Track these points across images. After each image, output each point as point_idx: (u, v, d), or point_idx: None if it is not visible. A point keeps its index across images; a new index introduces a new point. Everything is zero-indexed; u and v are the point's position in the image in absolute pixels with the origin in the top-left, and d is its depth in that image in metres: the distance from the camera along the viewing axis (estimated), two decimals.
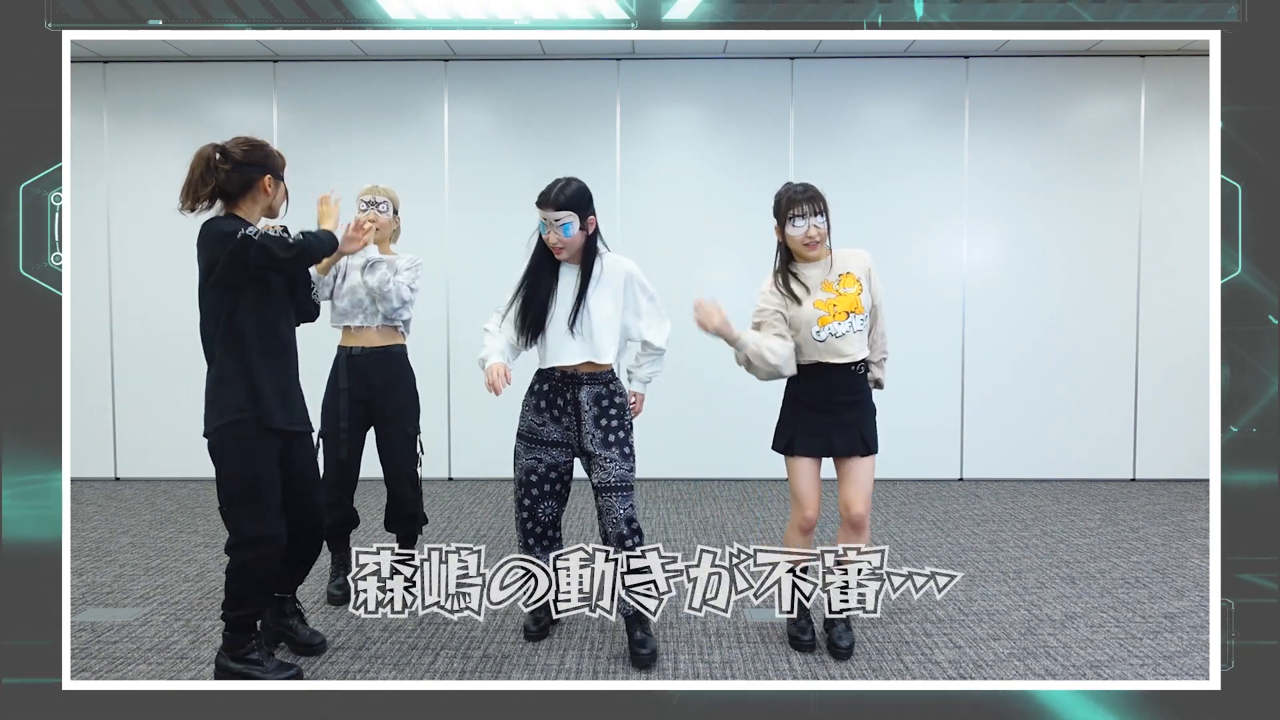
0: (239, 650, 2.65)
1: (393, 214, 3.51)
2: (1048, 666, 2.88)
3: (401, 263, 3.44)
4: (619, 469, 2.94)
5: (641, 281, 3.02)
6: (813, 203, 2.85)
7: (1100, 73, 5.64)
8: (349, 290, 3.41)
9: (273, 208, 2.76)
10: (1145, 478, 5.78)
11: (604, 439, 2.94)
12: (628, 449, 2.98)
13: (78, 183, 5.68)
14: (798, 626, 3.04)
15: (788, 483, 3.02)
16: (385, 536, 4.08)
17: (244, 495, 2.57)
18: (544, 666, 2.89)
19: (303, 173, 5.74)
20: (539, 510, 3.02)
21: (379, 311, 3.41)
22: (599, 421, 2.95)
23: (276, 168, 2.74)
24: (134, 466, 5.83)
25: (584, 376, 2.95)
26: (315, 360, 5.60)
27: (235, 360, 2.58)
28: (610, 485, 2.93)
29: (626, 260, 3.03)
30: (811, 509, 2.93)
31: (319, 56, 5.70)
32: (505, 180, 5.70)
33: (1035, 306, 5.72)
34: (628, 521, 2.91)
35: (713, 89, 5.73)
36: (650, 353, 3.07)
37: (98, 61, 5.69)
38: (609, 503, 2.92)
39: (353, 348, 3.45)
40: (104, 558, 4.09)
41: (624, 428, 2.98)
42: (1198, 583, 3.71)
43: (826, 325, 2.83)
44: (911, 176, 5.67)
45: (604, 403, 2.96)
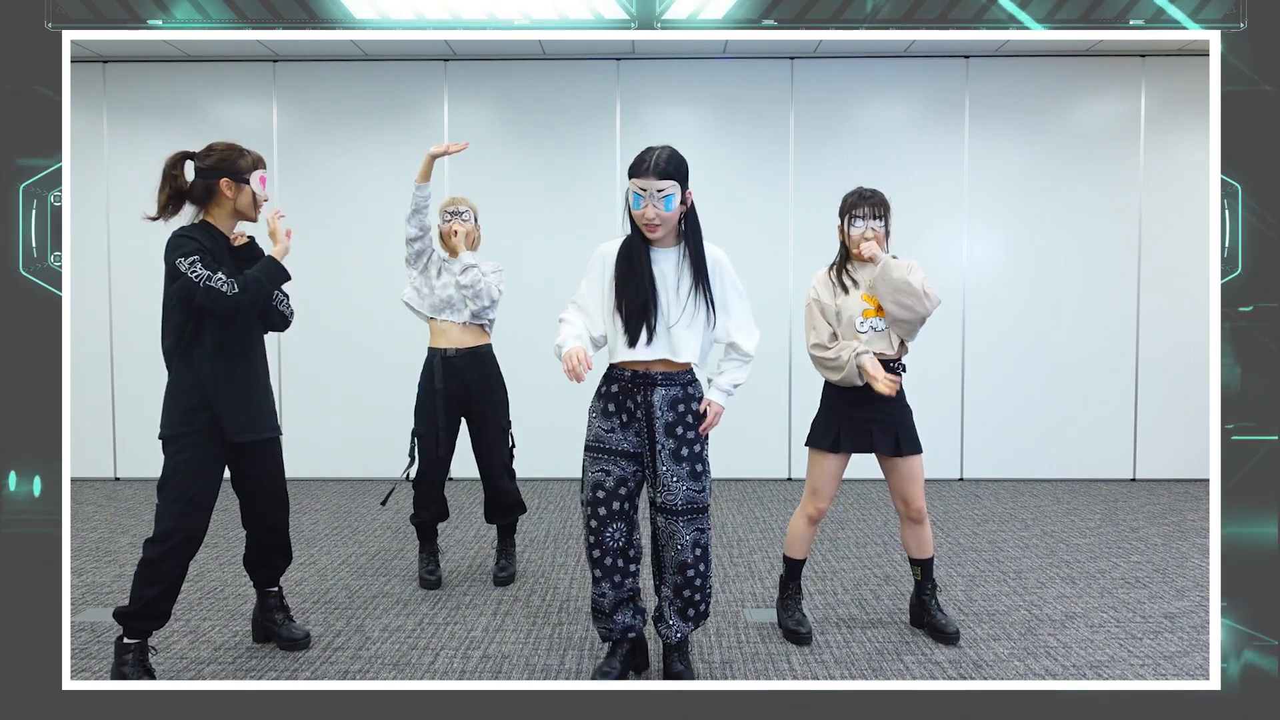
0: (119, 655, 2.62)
1: (474, 222, 3.71)
2: (1048, 666, 2.88)
3: (488, 266, 3.62)
4: (686, 490, 2.57)
5: (731, 273, 2.66)
6: (873, 207, 3.01)
7: (1100, 73, 5.64)
8: (442, 285, 3.60)
9: (241, 211, 2.70)
10: (1145, 478, 5.78)
11: (675, 451, 2.57)
12: (700, 466, 2.60)
13: (78, 183, 5.68)
14: (795, 620, 3.09)
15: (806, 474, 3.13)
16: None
17: (173, 495, 2.61)
18: (544, 666, 2.89)
19: (303, 173, 5.76)
20: (606, 535, 2.60)
21: (468, 309, 3.58)
22: (673, 430, 2.57)
23: (236, 170, 2.65)
24: (134, 466, 5.83)
25: (658, 376, 2.57)
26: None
27: (190, 372, 2.62)
28: (675, 508, 2.57)
29: (714, 246, 2.67)
30: (827, 501, 3.07)
31: (319, 56, 5.70)
32: (505, 180, 5.70)
33: (1035, 306, 5.72)
34: (696, 546, 2.59)
35: (713, 89, 5.73)
36: (735, 357, 2.66)
37: (98, 61, 5.69)
38: (673, 528, 2.58)
39: (446, 350, 3.61)
40: (104, 558, 4.09)
41: (700, 440, 2.61)
42: (1198, 583, 3.71)
43: (869, 318, 2.96)
44: (911, 176, 5.66)
45: (680, 408, 2.58)
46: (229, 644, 3.05)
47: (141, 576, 2.60)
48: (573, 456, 5.75)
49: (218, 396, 2.62)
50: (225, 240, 2.71)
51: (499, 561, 3.79)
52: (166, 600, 2.63)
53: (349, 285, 5.77)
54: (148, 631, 2.64)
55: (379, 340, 5.76)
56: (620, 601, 2.67)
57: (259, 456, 2.80)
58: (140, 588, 2.60)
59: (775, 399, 5.73)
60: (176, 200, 2.67)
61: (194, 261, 2.52)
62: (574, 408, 4.99)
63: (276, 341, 5.69)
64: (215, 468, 2.69)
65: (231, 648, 3.02)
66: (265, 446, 2.81)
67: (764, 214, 5.71)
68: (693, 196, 2.60)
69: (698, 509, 2.59)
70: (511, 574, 3.73)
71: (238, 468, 2.79)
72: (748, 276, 5.70)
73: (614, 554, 2.61)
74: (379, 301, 5.76)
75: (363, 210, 5.76)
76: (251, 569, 2.97)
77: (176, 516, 2.59)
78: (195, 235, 2.60)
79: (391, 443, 5.74)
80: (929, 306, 2.88)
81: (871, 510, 5.00)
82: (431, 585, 3.64)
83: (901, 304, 2.88)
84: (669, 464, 2.56)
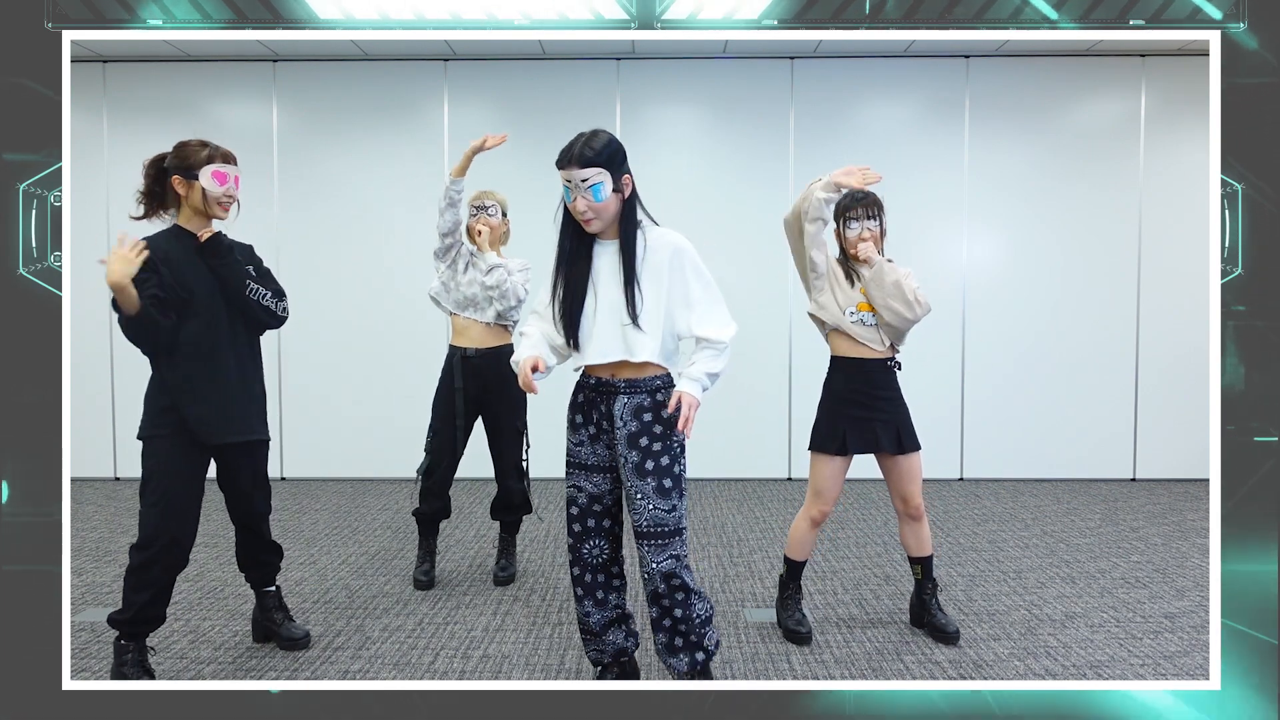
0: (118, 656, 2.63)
1: (501, 217, 3.68)
2: (1048, 666, 2.88)
3: (514, 265, 3.61)
4: (652, 509, 2.31)
5: (694, 261, 2.37)
6: (867, 208, 3.05)
7: (1100, 73, 5.64)
8: (468, 282, 3.58)
9: (197, 208, 2.61)
10: (1145, 478, 5.78)
11: (639, 465, 2.32)
12: (669, 481, 2.32)
13: (78, 183, 5.68)
14: (794, 620, 3.10)
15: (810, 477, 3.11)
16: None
17: (152, 500, 2.58)
18: (544, 666, 2.89)
19: (303, 173, 5.76)
20: (583, 551, 2.46)
21: (492, 308, 3.57)
22: (636, 441, 2.32)
23: (187, 166, 2.58)
24: (134, 466, 5.81)
25: (621, 384, 2.37)
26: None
27: (170, 374, 2.59)
28: (640, 529, 2.33)
29: (673, 233, 2.39)
30: (830, 503, 3.07)
31: (319, 56, 5.70)
32: (505, 180, 5.68)
33: (1035, 306, 5.72)
34: (665, 577, 2.33)
35: (713, 89, 5.73)
36: (707, 347, 2.34)
37: (98, 61, 5.69)
38: (641, 553, 2.35)
39: (466, 349, 3.60)
40: (104, 558, 4.09)
41: (668, 452, 2.33)
42: (1198, 583, 3.71)
43: (862, 311, 3.00)
44: (911, 176, 5.66)
45: (646, 417, 2.33)
46: (229, 644, 3.05)
47: (130, 583, 2.59)
48: None
49: (187, 397, 2.58)
50: (193, 241, 2.63)
51: (499, 561, 3.79)
52: (157, 605, 2.62)
53: (349, 285, 5.77)
54: (144, 634, 2.65)
55: (379, 340, 5.77)
56: (610, 622, 2.54)
57: (240, 460, 2.75)
58: (130, 594, 2.59)
59: (775, 399, 5.73)
60: (149, 201, 2.65)
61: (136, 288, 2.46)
62: None
63: (276, 342, 5.69)
64: (192, 469, 2.63)
65: (231, 648, 3.02)
66: (247, 449, 2.75)
67: (764, 214, 5.70)
68: (632, 182, 2.35)
69: (666, 532, 2.31)
70: (512, 574, 3.73)
71: (219, 469, 2.76)
72: (748, 276, 5.74)
73: (593, 570, 2.47)
74: (379, 301, 5.77)
75: (363, 210, 5.76)
76: (245, 568, 2.96)
77: (157, 521, 2.56)
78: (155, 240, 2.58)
79: (392, 442, 5.75)
80: (918, 313, 2.94)
81: (871, 510, 5.00)
82: (423, 586, 3.64)
83: (891, 308, 2.93)
84: (633, 479, 2.32)
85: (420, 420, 3.79)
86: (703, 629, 2.41)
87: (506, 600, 3.51)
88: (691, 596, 2.37)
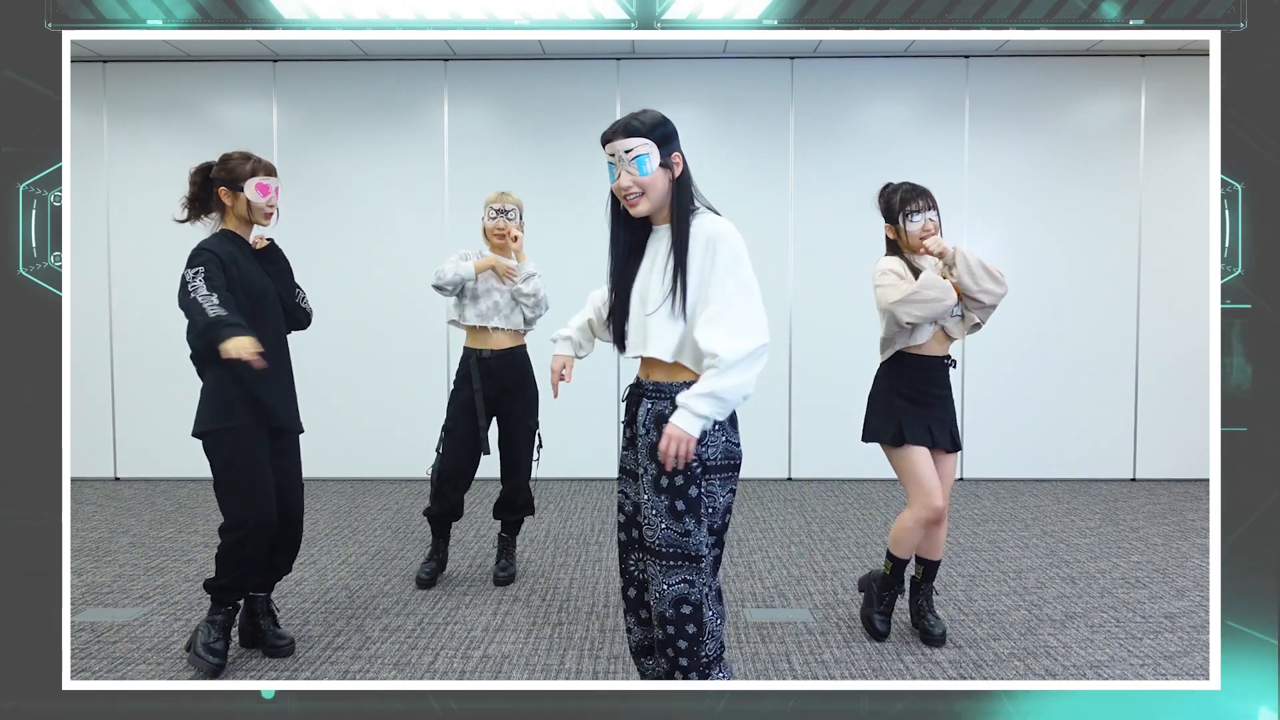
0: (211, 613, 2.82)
1: (519, 219, 3.68)
2: (1048, 666, 2.88)
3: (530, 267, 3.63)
4: (665, 529, 2.04)
5: (729, 253, 2.02)
6: (926, 198, 3.01)
7: (1100, 73, 5.64)
8: (486, 292, 3.60)
9: (241, 216, 2.82)
10: (1145, 478, 5.78)
11: (655, 480, 2.06)
12: (682, 504, 2.03)
13: (78, 183, 5.68)
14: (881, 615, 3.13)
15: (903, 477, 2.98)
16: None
17: (231, 488, 2.75)
18: (544, 666, 2.89)
19: (303, 173, 5.76)
20: (629, 564, 2.24)
21: (519, 314, 3.62)
22: (654, 453, 2.06)
23: (233, 178, 2.78)
24: (134, 466, 5.83)
25: (649, 386, 2.12)
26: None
27: (225, 369, 2.67)
28: (652, 547, 2.06)
29: (719, 221, 2.07)
30: (940, 497, 2.91)
31: (319, 56, 5.70)
32: (505, 180, 5.69)
33: (1035, 306, 5.72)
34: (675, 602, 2.05)
35: (713, 89, 5.73)
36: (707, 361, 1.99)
37: (98, 61, 5.69)
38: (651, 570, 2.08)
39: (482, 350, 3.62)
40: (104, 558, 4.09)
41: (684, 472, 2.03)
42: (1198, 583, 3.71)
43: None
44: (911, 176, 5.59)
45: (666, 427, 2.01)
46: (230, 644, 3.05)
47: (225, 561, 2.77)
48: (572, 458, 5.79)
49: (263, 386, 2.73)
50: (248, 245, 2.86)
51: (499, 561, 3.79)
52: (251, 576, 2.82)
53: (349, 285, 5.76)
54: (235, 601, 2.84)
55: (379, 340, 5.77)
56: (646, 648, 2.28)
57: (291, 449, 2.94)
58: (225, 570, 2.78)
59: (775, 399, 5.73)
60: (194, 207, 2.84)
61: (197, 273, 2.64)
62: (573, 407, 5.00)
63: None
64: (265, 455, 2.80)
65: (232, 648, 3.01)
66: (296, 441, 2.98)
67: (764, 214, 5.71)
68: (684, 163, 2.09)
69: (682, 556, 2.04)
70: (512, 574, 3.73)
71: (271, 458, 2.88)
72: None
73: (638, 585, 2.23)
74: (379, 301, 5.77)
75: (363, 210, 5.76)
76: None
77: (241, 507, 2.73)
78: (210, 247, 2.72)
79: (391, 442, 5.75)
80: (1007, 284, 2.94)
81: (872, 510, 5.00)
82: (424, 584, 3.65)
83: (986, 289, 2.90)
84: (649, 493, 2.06)
85: (420, 420, 3.80)
86: (707, 670, 2.13)
87: (506, 600, 3.51)
88: (704, 635, 2.07)
